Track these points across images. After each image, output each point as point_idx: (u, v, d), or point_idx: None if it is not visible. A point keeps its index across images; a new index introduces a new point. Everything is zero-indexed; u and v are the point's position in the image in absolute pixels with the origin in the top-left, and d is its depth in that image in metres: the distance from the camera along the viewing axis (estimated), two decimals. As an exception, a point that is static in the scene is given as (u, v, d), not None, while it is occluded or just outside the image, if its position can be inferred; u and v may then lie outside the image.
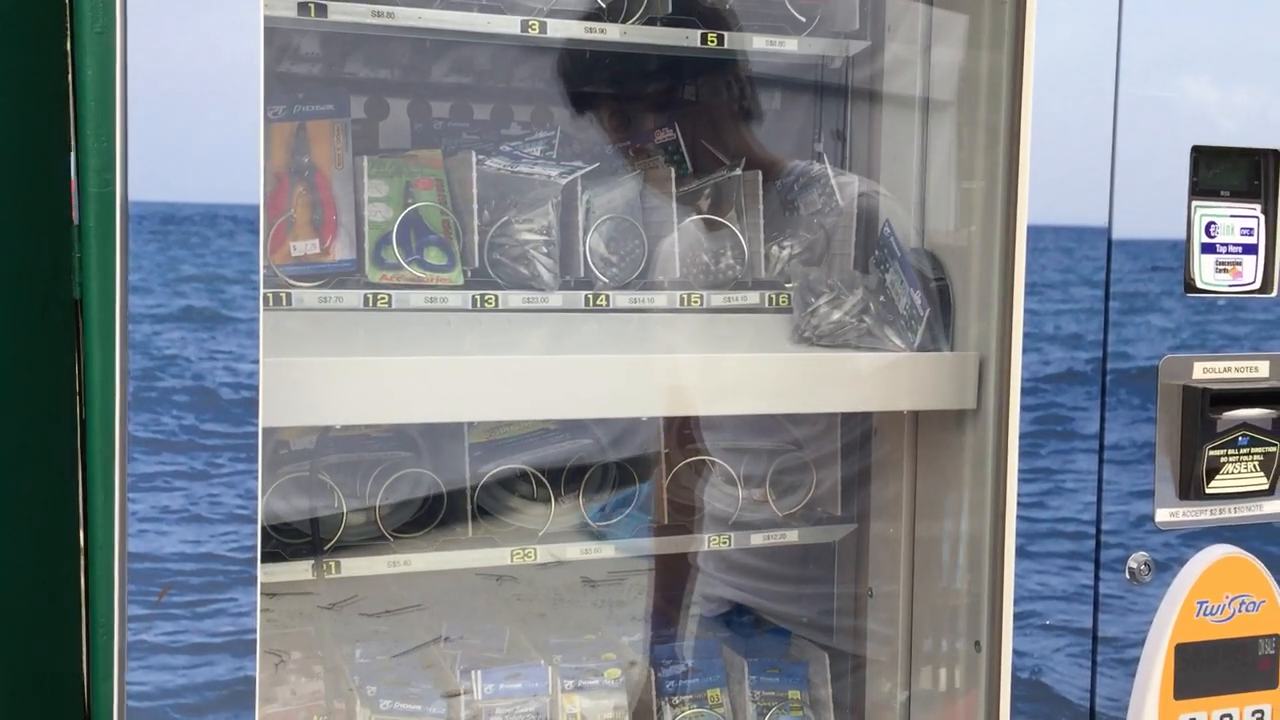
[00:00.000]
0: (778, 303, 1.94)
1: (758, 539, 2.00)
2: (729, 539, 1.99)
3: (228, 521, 1.35)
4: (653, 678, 2.05)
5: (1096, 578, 1.69)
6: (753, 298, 1.93)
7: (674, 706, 2.05)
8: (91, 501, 1.38)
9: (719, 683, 2.08)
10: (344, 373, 1.52)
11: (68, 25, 1.47)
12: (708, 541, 2.00)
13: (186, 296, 1.33)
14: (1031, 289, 1.63)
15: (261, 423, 1.35)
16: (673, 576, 2.19)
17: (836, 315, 1.82)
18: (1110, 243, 1.67)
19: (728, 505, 2.01)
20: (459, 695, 1.92)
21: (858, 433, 2.06)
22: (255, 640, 1.36)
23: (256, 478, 1.35)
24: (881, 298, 1.84)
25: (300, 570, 1.74)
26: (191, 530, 1.34)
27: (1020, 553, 1.65)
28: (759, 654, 2.13)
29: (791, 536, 2.02)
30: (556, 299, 1.82)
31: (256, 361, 1.35)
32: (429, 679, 1.97)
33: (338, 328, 1.67)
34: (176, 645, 1.33)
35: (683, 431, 2.08)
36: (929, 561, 1.91)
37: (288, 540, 1.78)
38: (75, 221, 1.50)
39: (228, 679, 1.36)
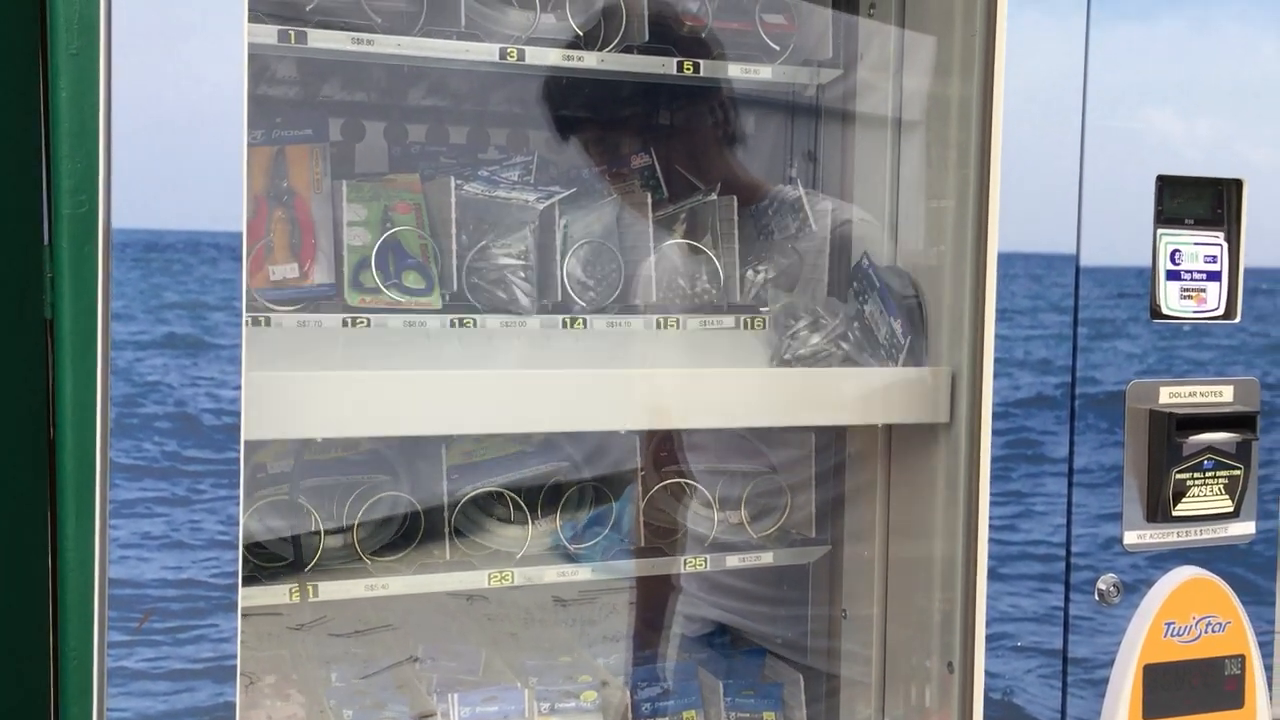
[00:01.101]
0: (753, 326, 1.97)
1: (733, 561, 2.02)
2: (705, 561, 2.01)
3: (209, 547, 1.35)
4: (629, 699, 2.06)
5: (1066, 599, 1.72)
6: (728, 321, 1.95)
7: (650, 728, 2.06)
8: (61, 525, 1.37)
9: (695, 704, 2.09)
10: (324, 387, 1.52)
11: (41, 45, 1.47)
12: (684, 563, 2.01)
13: (169, 323, 1.33)
14: (1002, 315, 1.66)
15: (243, 439, 1.35)
16: (649, 597, 2.20)
17: (815, 339, 1.84)
18: (1078, 269, 1.71)
19: (704, 527, 2.03)
20: (433, 716, 1.92)
21: (832, 456, 2.09)
22: (235, 666, 1.36)
23: (238, 503, 1.35)
24: (857, 326, 1.87)
25: (278, 594, 1.74)
26: (173, 556, 1.34)
27: (992, 575, 1.68)
28: (735, 675, 2.14)
29: (766, 558, 2.03)
30: (534, 322, 1.84)
31: (238, 388, 1.35)
32: (403, 700, 1.97)
33: (317, 340, 1.67)
34: (157, 671, 1.33)
35: (659, 454, 2.10)
36: (902, 583, 1.93)
37: (265, 564, 1.78)
38: (47, 241, 1.50)
39: (208, 705, 1.36)
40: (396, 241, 1.80)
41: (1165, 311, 1.75)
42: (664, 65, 1.85)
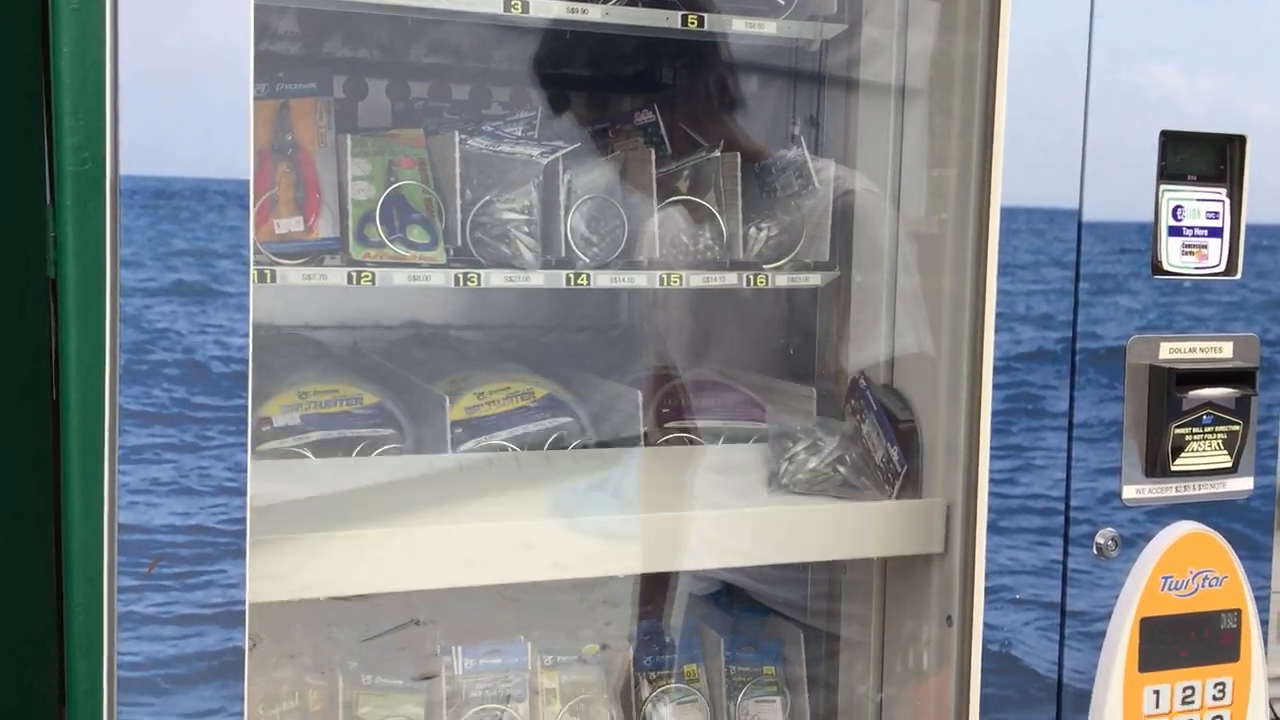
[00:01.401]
0: (755, 283, 1.97)
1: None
2: (708, 514, 2.02)
3: (217, 494, 1.36)
4: (631, 654, 2.08)
5: (1065, 553, 1.73)
6: (731, 278, 1.96)
7: (651, 682, 2.08)
8: (66, 473, 1.38)
9: (696, 659, 2.11)
10: (330, 546, 1.56)
11: (42, 3, 1.47)
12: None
13: (177, 270, 1.34)
14: (1004, 269, 1.66)
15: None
16: None
17: (813, 463, 1.87)
18: (1080, 225, 1.71)
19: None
20: (436, 676, 1.94)
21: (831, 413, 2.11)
22: (244, 612, 1.38)
23: (246, 450, 1.36)
24: (855, 449, 1.90)
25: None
26: (181, 503, 1.35)
27: (991, 528, 1.69)
28: (736, 631, 2.16)
29: (769, 511, 2.05)
30: (538, 278, 1.85)
31: (247, 335, 1.36)
32: (407, 660, 1.99)
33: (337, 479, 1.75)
34: (167, 616, 1.35)
35: (661, 410, 2.11)
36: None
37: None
38: (50, 201, 1.50)
39: (217, 650, 1.37)
40: (400, 196, 1.80)
41: (1166, 267, 1.76)
42: (667, 19, 1.84)
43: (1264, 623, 1.83)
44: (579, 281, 1.88)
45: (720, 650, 2.12)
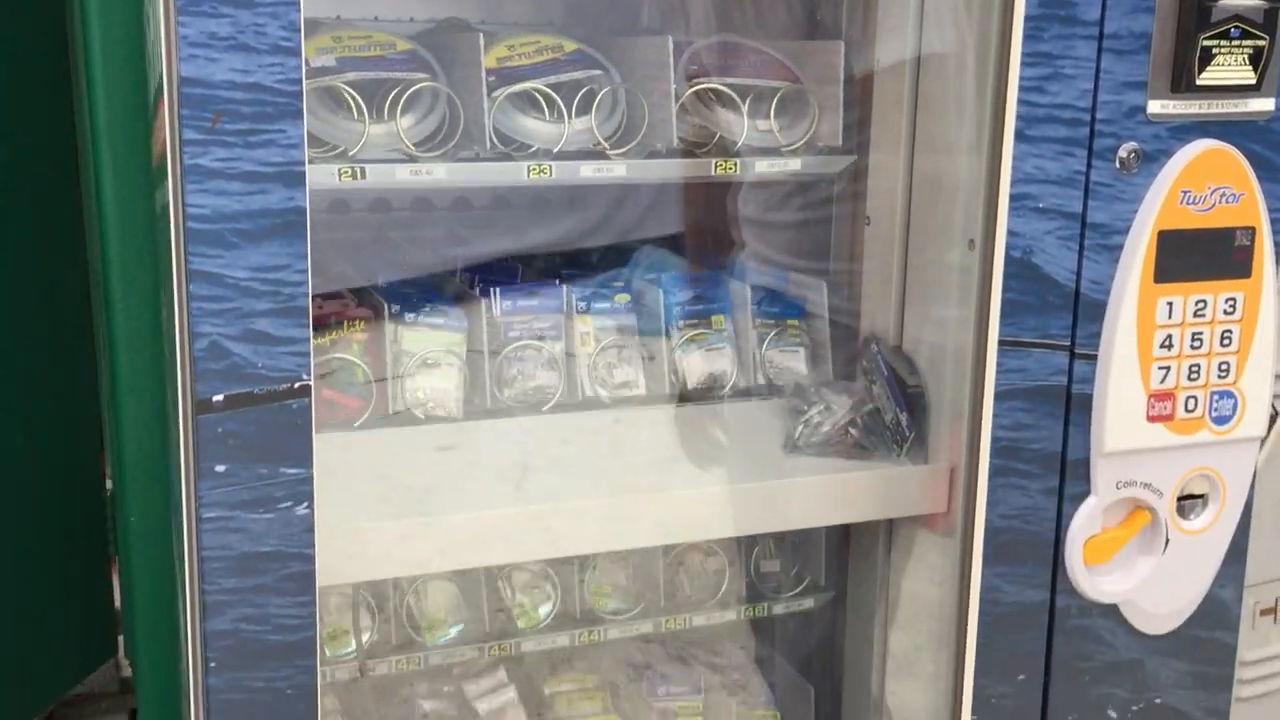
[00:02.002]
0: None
1: (763, 166, 2.08)
2: (735, 165, 2.07)
3: (274, 53, 1.40)
4: (661, 302, 2.16)
5: (1088, 164, 1.78)
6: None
7: (680, 330, 2.17)
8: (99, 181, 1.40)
9: (724, 309, 2.20)
10: (391, 533, 1.71)
11: None
12: (714, 166, 2.07)
13: None
14: None
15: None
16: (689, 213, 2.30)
17: (826, 427, 1.99)
18: None
19: (734, 134, 2.08)
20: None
21: (857, 75, 2.13)
22: (304, 174, 1.43)
23: (299, 10, 1.39)
24: (868, 409, 2.00)
25: (326, 175, 1.81)
26: (240, 59, 1.39)
27: (1019, 136, 1.73)
28: (762, 289, 2.24)
29: (794, 165, 2.10)
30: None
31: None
32: (446, 299, 2.08)
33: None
34: (232, 171, 1.40)
35: (689, 68, 2.13)
36: (925, 186, 2.00)
37: (313, 154, 1.83)
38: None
39: (280, 208, 1.43)
40: None
41: None
42: None
43: (1278, 245, 1.89)
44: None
45: (748, 302, 2.20)
